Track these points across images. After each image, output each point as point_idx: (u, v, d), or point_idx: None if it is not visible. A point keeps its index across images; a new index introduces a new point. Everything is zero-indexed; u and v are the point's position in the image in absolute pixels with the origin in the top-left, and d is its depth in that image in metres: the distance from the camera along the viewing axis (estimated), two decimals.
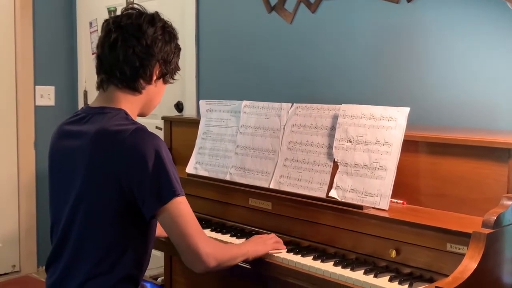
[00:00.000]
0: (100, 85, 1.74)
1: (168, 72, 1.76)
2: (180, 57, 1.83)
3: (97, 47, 1.74)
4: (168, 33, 1.75)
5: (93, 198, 1.62)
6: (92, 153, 1.62)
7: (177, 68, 1.81)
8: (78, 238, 1.64)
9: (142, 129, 1.62)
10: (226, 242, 1.90)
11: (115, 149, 1.58)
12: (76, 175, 1.64)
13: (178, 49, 1.80)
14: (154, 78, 1.73)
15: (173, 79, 1.82)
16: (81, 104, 4.13)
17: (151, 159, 1.56)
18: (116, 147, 1.58)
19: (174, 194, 1.57)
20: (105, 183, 1.59)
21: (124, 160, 1.57)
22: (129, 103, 1.72)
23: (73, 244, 1.65)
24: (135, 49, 1.67)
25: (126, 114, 1.69)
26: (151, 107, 1.81)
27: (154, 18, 1.74)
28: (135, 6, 1.76)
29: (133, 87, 1.70)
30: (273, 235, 1.91)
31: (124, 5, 3.63)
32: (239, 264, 1.85)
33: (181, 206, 1.58)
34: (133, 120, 1.69)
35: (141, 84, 1.71)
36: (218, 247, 1.67)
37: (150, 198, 1.56)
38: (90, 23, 4.04)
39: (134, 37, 1.67)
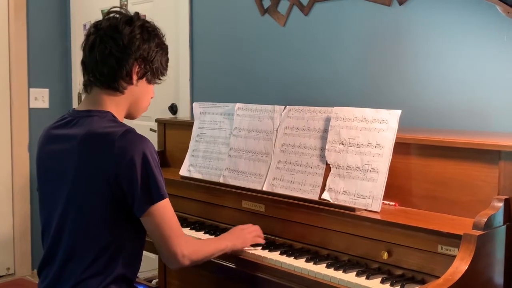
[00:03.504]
0: (85, 88, 1.76)
1: (150, 71, 1.75)
2: (174, 59, 1.84)
3: (82, 51, 1.76)
4: (147, 32, 1.74)
5: (83, 200, 1.63)
6: (81, 156, 1.63)
7: (163, 67, 1.79)
8: (70, 241, 1.65)
9: (131, 132, 1.63)
10: None
11: (104, 152, 1.60)
12: (65, 178, 1.65)
13: (161, 47, 1.78)
14: (135, 77, 1.72)
15: (159, 79, 1.81)
16: (75, 107, 4.13)
17: (140, 162, 1.58)
18: (105, 149, 1.59)
19: (162, 197, 1.62)
20: (94, 185, 1.61)
21: (114, 162, 1.58)
22: (114, 105, 1.73)
23: (65, 247, 1.66)
24: (111, 49, 1.68)
25: (113, 116, 1.70)
26: (138, 109, 1.80)
27: (132, 18, 1.74)
28: (117, 9, 1.76)
29: (114, 87, 1.71)
30: (256, 227, 1.93)
31: (118, 7, 3.63)
32: (232, 266, 1.87)
33: (165, 210, 1.63)
34: (121, 122, 1.71)
35: (121, 84, 1.71)
36: (195, 249, 1.71)
37: (141, 199, 1.59)
38: (84, 26, 4.04)
39: (111, 37, 1.68)
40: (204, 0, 3.16)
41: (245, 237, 1.87)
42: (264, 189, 2.06)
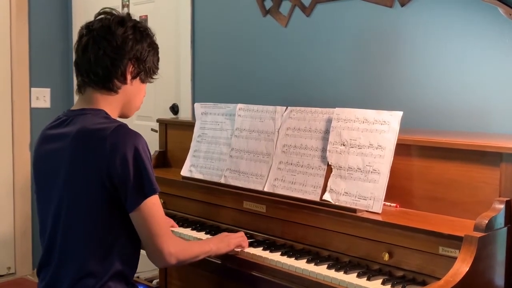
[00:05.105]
0: (79, 89, 1.78)
1: (143, 70, 1.78)
2: (176, 59, 1.85)
3: (74, 52, 1.78)
4: (139, 32, 1.76)
5: (76, 197, 1.64)
6: (73, 152, 1.65)
7: (155, 67, 1.83)
8: (65, 239, 1.66)
9: (123, 127, 1.65)
10: None
11: (96, 147, 1.61)
12: (59, 175, 1.67)
13: (153, 47, 1.81)
14: (129, 77, 1.75)
15: (152, 78, 1.84)
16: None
17: (132, 156, 1.60)
18: (98, 145, 1.61)
19: (154, 191, 1.64)
20: (87, 180, 1.62)
21: (106, 157, 1.59)
22: (108, 104, 1.75)
23: (60, 246, 1.67)
24: (105, 50, 1.70)
25: (106, 114, 1.72)
26: (132, 107, 1.82)
27: (124, 19, 1.76)
28: (108, 10, 1.78)
29: (108, 87, 1.73)
30: (241, 233, 1.94)
31: (120, 7, 3.64)
32: (233, 266, 1.87)
33: (154, 206, 1.64)
34: (113, 119, 1.73)
35: (115, 84, 1.73)
36: (182, 248, 1.72)
37: (133, 193, 1.60)
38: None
39: (104, 38, 1.71)
40: (205, 1, 3.16)
41: (229, 241, 1.87)
42: (265, 189, 2.06)
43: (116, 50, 1.71)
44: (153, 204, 1.64)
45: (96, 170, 1.60)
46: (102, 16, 1.76)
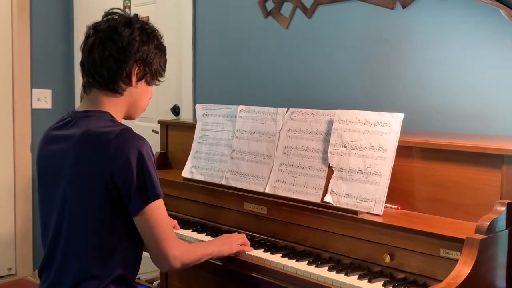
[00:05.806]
0: (84, 90, 1.77)
1: (149, 72, 1.76)
2: (177, 61, 1.84)
3: (81, 52, 1.77)
4: (146, 33, 1.75)
5: (79, 200, 1.64)
6: (77, 155, 1.64)
7: (161, 69, 1.81)
8: (67, 240, 1.66)
9: (127, 130, 1.64)
10: None
11: (101, 150, 1.60)
12: (62, 177, 1.66)
13: (160, 49, 1.79)
14: (134, 79, 1.73)
15: (158, 80, 1.82)
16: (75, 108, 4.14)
17: (136, 160, 1.59)
18: (102, 148, 1.60)
19: (158, 196, 1.63)
20: (90, 183, 1.61)
21: (110, 161, 1.59)
22: (112, 106, 1.73)
23: (63, 248, 1.66)
24: (111, 51, 1.68)
25: (111, 116, 1.71)
26: (137, 109, 1.81)
27: (131, 20, 1.74)
28: (116, 11, 1.77)
29: (113, 89, 1.72)
30: (242, 235, 1.94)
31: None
32: (234, 268, 1.87)
33: (159, 210, 1.63)
34: (118, 122, 1.72)
35: (120, 85, 1.72)
36: (186, 251, 1.71)
37: (136, 198, 1.60)
38: (87, 27, 4.04)
39: (110, 39, 1.69)
40: (207, 2, 3.16)
41: (231, 244, 1.87)
42: (266, 191, 2.05)
43: (122, 51, 1.69)
44: (158, 208, 1.63)
45: (99, 173, 1.60)
46: (110, 16, 1.75)
